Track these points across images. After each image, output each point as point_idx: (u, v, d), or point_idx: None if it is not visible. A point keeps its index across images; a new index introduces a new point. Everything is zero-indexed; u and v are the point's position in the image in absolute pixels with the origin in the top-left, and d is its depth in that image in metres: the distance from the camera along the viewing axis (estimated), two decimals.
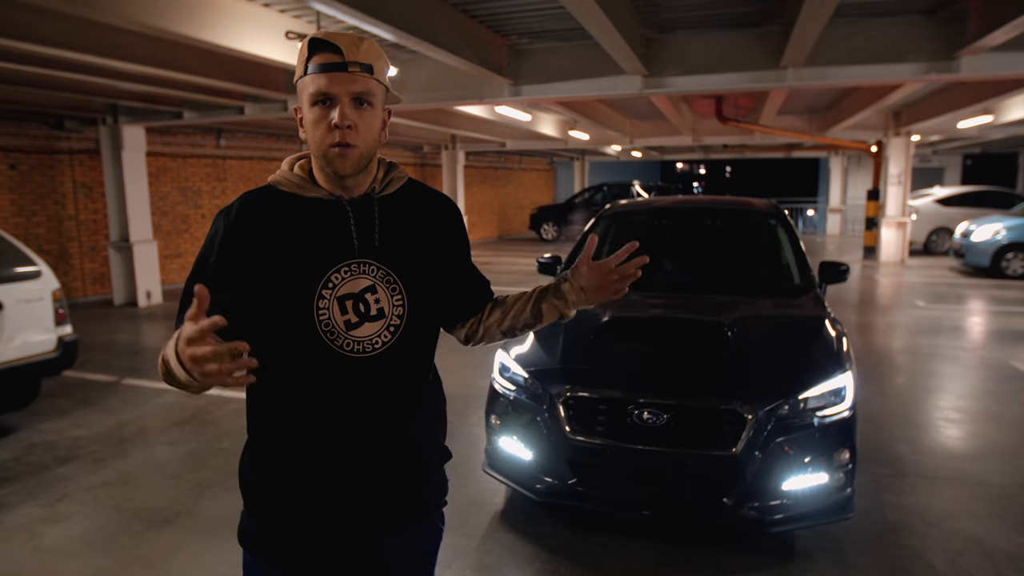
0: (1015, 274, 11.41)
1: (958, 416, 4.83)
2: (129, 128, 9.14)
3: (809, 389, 2.88)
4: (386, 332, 1.31)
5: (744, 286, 3.99)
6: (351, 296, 1.30)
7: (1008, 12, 4.80)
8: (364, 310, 1.30)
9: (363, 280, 1.31)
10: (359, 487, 1.33)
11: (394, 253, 1.34)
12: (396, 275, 1.33)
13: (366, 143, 1.28)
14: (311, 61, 1.24)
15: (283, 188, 1.34)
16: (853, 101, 10.90)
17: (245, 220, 1.31)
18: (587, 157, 24.05)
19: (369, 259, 1.31)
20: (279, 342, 1.30)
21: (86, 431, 4.59)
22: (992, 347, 6.84)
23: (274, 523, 1.36)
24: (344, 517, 1.34)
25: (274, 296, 1.28)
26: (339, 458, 1.32)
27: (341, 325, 1.29)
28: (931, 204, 15.49)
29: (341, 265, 1.30)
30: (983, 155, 22.43)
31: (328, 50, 1.23)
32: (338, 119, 1.23)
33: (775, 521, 2.80)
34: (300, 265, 1.29)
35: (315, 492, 1.33)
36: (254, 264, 1.28)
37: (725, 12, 5.83)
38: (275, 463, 1.35)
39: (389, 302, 1.32)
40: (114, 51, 5.64)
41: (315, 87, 1.23)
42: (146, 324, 8.46)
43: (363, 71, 1.24)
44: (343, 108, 1.23)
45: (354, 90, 1.23)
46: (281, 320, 1.29)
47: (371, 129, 1.28)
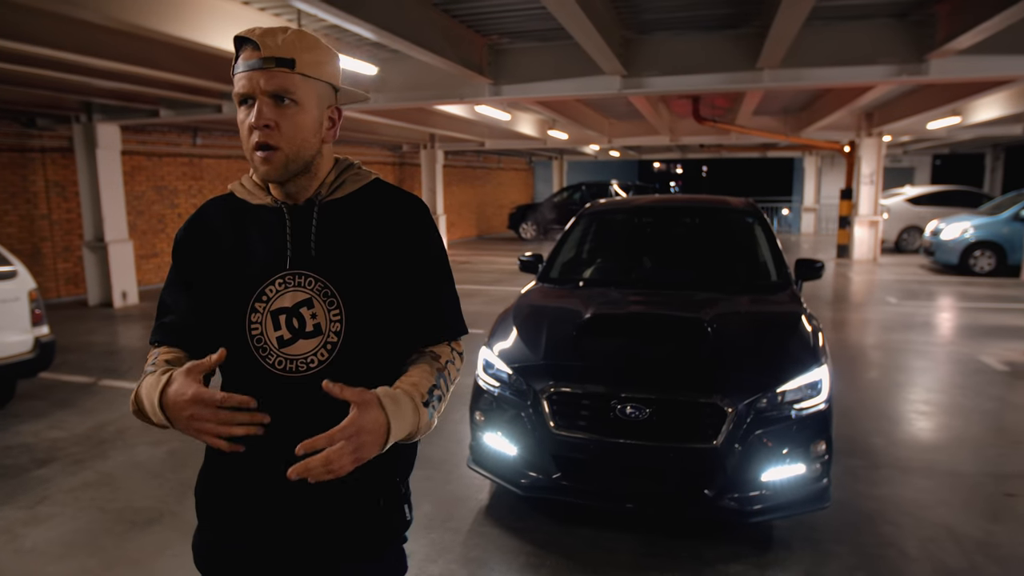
0: (982, 271, 11.71)
1: (929, 409, 4.97)
2: (104, 126, 9.00)
3: (787, 383, 2.96)
4: (322, 350, 1.20)
5: (722, 283, 4.07)
6: (284, 310, 1.20)
7: (974, 17, 4.95)
8: (299, 326, 1.20)
9: (299, 293, 1.21)
10: (292, 517, 1.23)
11: (332, 263, 1.22)
12: (334, 287, 1.21)
13: (292, 144, 1.17)
14: (237, 60, 1.18)
15: (238, 195, 1.29)
16: (827, 102, 11.11)
17: (195, 229, 1.30)
18: (565, 157, 24.16)
19: (305, 270, 1.22)
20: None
21: (64, 432, 4.53)
22: (961, 342, 7.03)
23: (219, 543, 1.29)
24: (281, 547, 1.25)
25: (211, 308, 1.24)
26: (272, 485, 1.19)
27: (273, 342, 1.20)
28: (902, 203, 15.83)
29: (276, 277, 1.22)
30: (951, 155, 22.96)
31: (249, 46, 1.15)
32: (253, 119, 1.15)
33: (754, 511, 2.87)
34: (236, 276, 1.23)
35: (254, 515, 1.25)
36: (198, 273, 1.26)
37: (703, 14, 5.93)
38: (219, 481, 1.28)
39: (326, 317, 1.20)
40: (89, 48, 5.56)
41: (237, 86, 1.17)
42: (122, 325, 8.34)
43: (280, 66, 1.14)
44: (260, 107, 1.15)
45: (269, 88, 1.14)
46: (217, 333, 1.23)
47: (298, 128, 1.17)
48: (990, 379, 5.65)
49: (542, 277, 4.36)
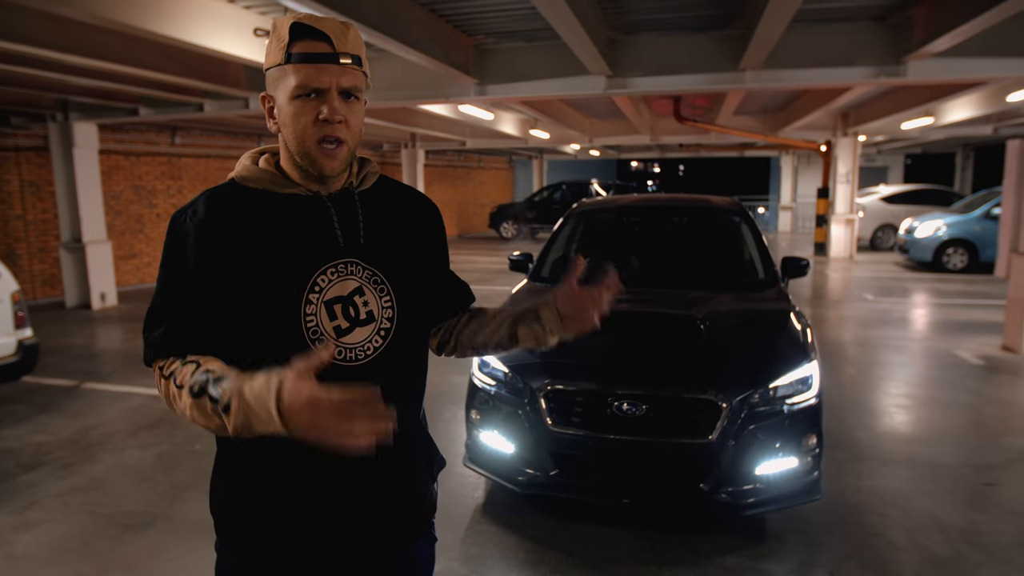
0: (955, 268, 12.00)
1: (908, 403, 5.10)
2: (81, 125, 8.85)
3: (778, 378, 3.02)
4: (377, 337, 1.22)
5: (712, 281, 4.13)
6: (340, 299, 1.19)
7: (950, 21, 5.08)
8: (354, 314, 1.20)
9: (351, 282, 1.20)
10: (357, 507, 1.22)
11: (380, 252, 1.24)
12: (383, 275, 1.23)
13: (354, 138, 1.20)
14: (294, 48, 1.12)
15: (251, 184, 1.22)
16: (804, 102, 11.29)
17: (216, 219, 1.18)
18: (546, 156, 24.23)
19: (355, 259, 1.22)
20: (263, 352, 1.16)
21: (49, 437, 4.46)
22: (937, 337, 7.21)
23: (258, 555, 1.23)
24: (339, 540, 1.23)
25: (256, 303, 1.16)
26: (333, 478, 1.19)
27: (331, 332, 1.18)
28: (877, 202, 16.15)
29: (327, 266, 1.19)
30: (923, 155, 23.45)
31: (315, 38, 1.12)
32: (328, 114, 1.13)
33: (748, 504, 2.93)
34: (283, 268, 1.17)
35: (306, 518, 1.21)
36: (233, 266, 1.16)
37: (687, 15, 6.00)
38: (257, 489, 1.21)
39: (378, 304, 1.22)
40: (67, 45, 5.46)
41: (300, 78, 1.12)
42: (101, 327, 8.21)
43: (354, 63, 1.15)
44: (333, 102, 1.13)
45: (344, 83, 1.14)
46: (265, 329, 1.17)
47: (359, 123, 1.21)
48: (966, 373, 5.80)
49: (533, 276, 4.39)
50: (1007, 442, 4.24)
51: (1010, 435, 4.38)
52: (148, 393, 5.37)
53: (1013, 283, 6.50)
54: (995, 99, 9.68)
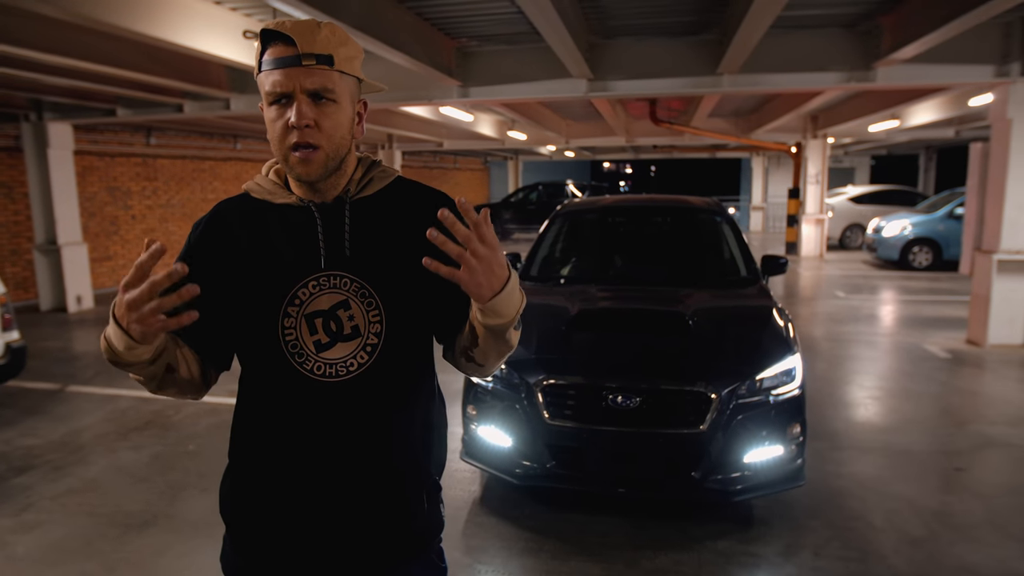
0: (921, 266, 12.40)
1: (881, 394, 5.32)
2: (55, 125, 8.72)
3: (764, 370, 3.17)
4: (362, 353, 1.17)
5: (695, 279, 4.28)
6: (320, 313, 1.16)
7: (917, 30, 5.32)
8: (336, 329, 1.16)
9: (335, 295, 1.17)
10: (339, 523, 1.21)
11: (368, 263, 1.19)
12: (371, 287, 1.18)
13: (331, 143, 1.14)
14: (265, 55, 1.11)
15: (255, 195, 1.23)
16: (776, 105, 11.60)
17: (213, 231, 1.22)
18: (521, 157, 24.37)
19: (339, 271, 1.17)
20: (250, 362, 1.20)
21: (39, 440, 4.44)
22: (905, 332, 7.49)
23: (256, 553, 1.24)
24: (326, 554, 1.22)
25: (239, 313, 1.18)
26: (316, 491, 1.20)
27: (310, 346, 1.16)
28: (845, 202, 16.60)
29: (309, 279, 1.17)
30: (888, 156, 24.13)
31: (281, 41, 1.09)
32: (295, 118, 1.10)
33: (737, 491, 3.07)
34: (265, 279, 1.17)
35: (293, 526, 1.21)
36: (221, 278, 1.18)
37: (667, 21, 6.16)
38: (253, 492, 1.24)
39: (365, 319, 1.17)
40: (42, 44, 5.40)
41: (269, 84, 1.11)
42: (79, 330, 8.10)
43: (320, 63, 1.09)
44: (300, 106, 1.10)
45: (309, 86, 1.10)
46: (247, 341, 1.19)
47: (337, 127, 1.14)
48: (934, 365, 6.06)
49: (523, 275, 4.49)
50: (974, 429, 4.47)
51: (976, 423, 4.60)
52: (134, 395, 5.35)
53: (976, 280, 6.80)
54: (957, 103, 10.06)
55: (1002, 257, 6.46)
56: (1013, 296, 6.52)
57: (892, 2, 5.59)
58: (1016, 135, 6.25)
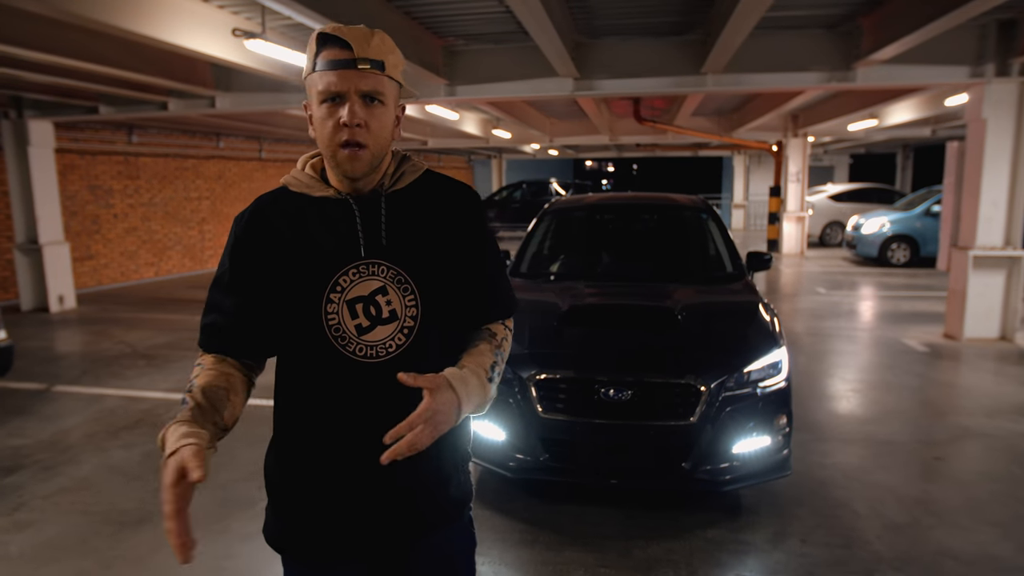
0: (899, 263, 12.65)
1: (862, 387, 5.45)
2: (36, 123, 8.61)
3: (751, 363, 3.25)
4: (399, 335, 1.27)
5: (683, 275, 4.36)
6: (361, 299, 1.25)
7: (896, 31, 5.45)
8: (375, 313, 1.26)
9: (373, 282, 1.26)
10: (379, 493, 1.29)
11: (404, 251, 1.28)
12: (407, 274, 1.27)
13: (377, 142, 1.23)
14: (319, 57, 1.20)
15: (293, 188, 1.32)
16: (758, 105, 11.76)
17: (255, 224, 1.30)
18: (505, 155, 24.42)
19: (378, 259, 1.27)
20: (292, 347, 1.29)
21: (27, 440, 4.41)
22: (885, 327, 7.66)
23: (298, 523, 1.32)
24: (366, 522, 1.30)
25: (283, 301, 1.26)
26: (358, 464, 1.27)
27: (352, 330, 1.25)
28: (825, 200, 16.85)
29: (349, 267, 1.26)
30: (866, 155, 24.49)
31: (337, 45, 1.18)
32: (347, 117, 1.18)
33: (726, 481, 3.15)
34: (307, 268, 1.26)
35: (336, 496, 1.29)
36: (263, 268, 1.27)
37: (652, 21, 6.24)
38: (297, 465, 1.32)
39: (401, 303, 1.27)
40: (22, 39, 5.35)
41: (323, 84, 1.19)
42: (62, 330, 8.02)
43: (373, 68, 1.19)
44: (352, 106, 1.19)
45: (363, 88, 1.19)
46: (292, 325, 1.27)
47: (383, 127, 1.23)
48: (913, 359, 6.21)
49: (513, 272, 4.54)
50: (952, 420, 4.60)
51: (954, 414, 4.74)
52: (123, 395, 5.33)
53: (953, 275, 6.97)
54: (934, 103, 10.27)
55: (978, 253, 6.63)
56: (988, 291, 6.70)
57: (872, 4, 5.71)
58: (991, 134, 6.42)
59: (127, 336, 7.48)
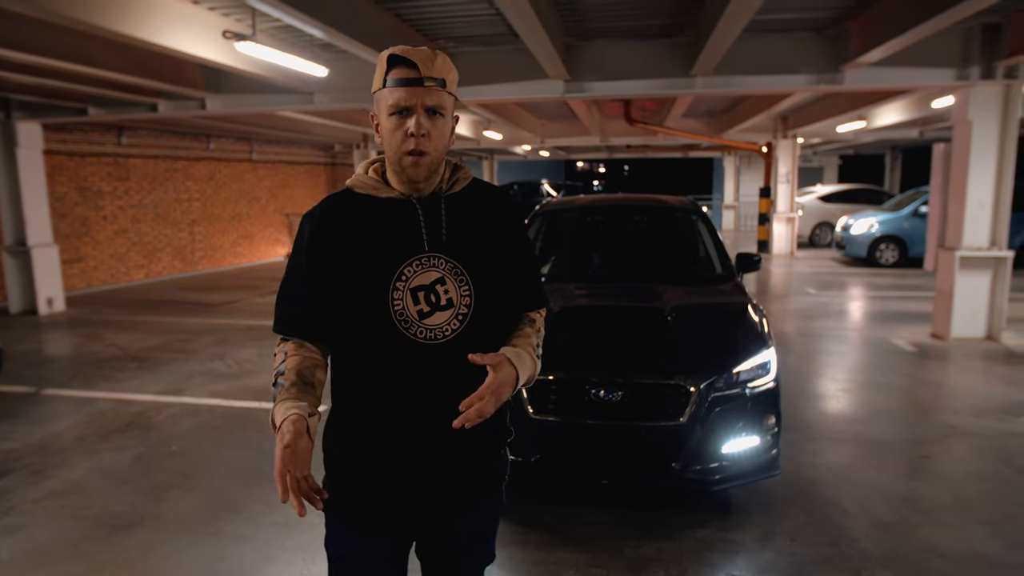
0: (887, 263, 12.75)
1: (851, 387, 5.49)
2: (24, 124, 8.55)
3: (740, 364, 3.27)
4: (455, 320, 1.42)
5: (673, 276, 4.38)
6: (423, 288, 1.41)
7: (883, 34, 5.51)
8: (435, 300, 1.42)
9: (433, 272, 1.42)
10: (432, 464, 1.46)
11: (460, 247, 1.45)
12: (463, 267, 1.44)
13: (437, 150, 1.40)
14: (389, 75, 1.36)
15: (359, 191, 1.48)
16: (748, 106, 11.82)
17: (327, 221, 1.46)
18: (496, 156, 24.41)
19: (438, 253, 1.43)
20: (359, 330, 1.43)
21: (16, 443, 4.38)
22: (873, 327, 7.72)
23: (355, 490, 1.48)
24: (418, 490, 1.47)
25: (353, 289, 1.42)
26: (413, 437, 1.44)
27: (414, 314, 1.40)
28: (815, 201, 16.97)
29: (413, 259, 1.42)
30: (855, 156, 24.67)
31: (406, 65, 1.35)
32: (414, 128, 1.35)
33: (716, 481, 3.17)
34: (376, 260, 1.42)
35: (392, 466, 1.46)
36: (336, 260, 1.42)
37: (642, 23, 6.28)
38: (357, 438, 1.48)
39: (457, 292, 1.43)
40: (9, 41, 5.33)
41: (393, 99, 1.36)
42: (51, 332, 7.97)
43: (437, 85, 1.36)
44: (418, 118, 1.35)
45: (428, 102, 1.35)
46: (360, 310, 1.42)
47: (442, 137, 1.40)
48: (901, 359, 6.27)
49: None
50: (939, 419, 4.65)
51: (941, 413, 4.79)
52: (113, 397, 5.30)
53: (940, 276, 7.03)
54: (921, 105, 10.37)
55: (964, 254, 6.70)
56: (975, 291, 6.77)
57: (860, 7, 5.77)
58: (977, 136, 6.49)
59: (117, 338, 7.45)
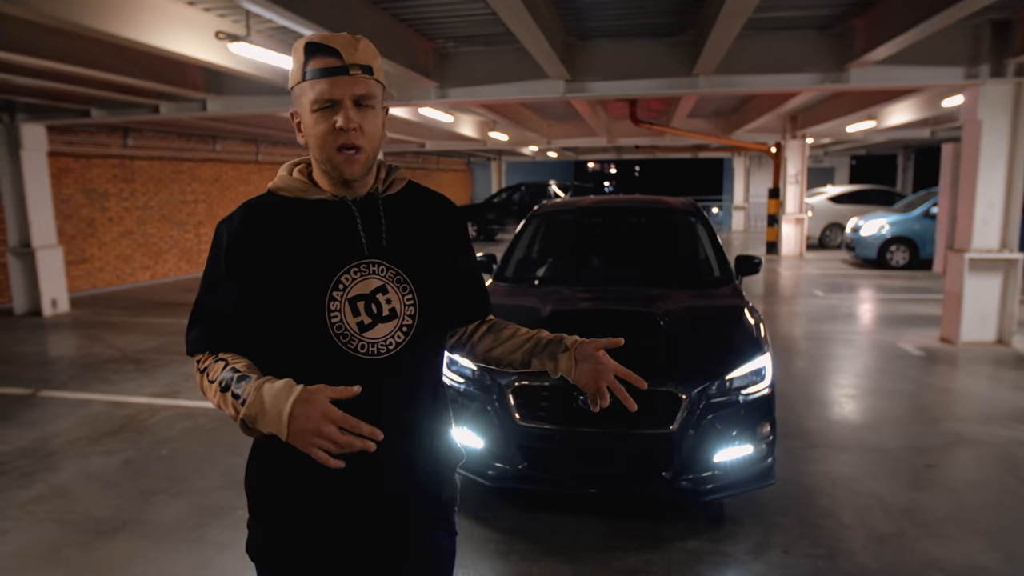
0: (898, 265, 12.56)
1: (856, 392, 5.38)
2: (28, 126, 8.59)
3: (734, 370, 3.19)
4: (399, 333, 1.30)
5: (669, 279, 4.29)
6: (363, 297, 1.28)
7: (889, 31, 5.39)
8: (376, 311, 1.28)
9: (374, 280, 1.29)
10: (379, 493, 1.30)
11: (402, 252, 1.33)
12: (406, 274, 1.31)
13: (371, 144, 1.26)
14: (309, 66, 1.22)
15: (284, 193, 1.32)
16: (755, 106, 11.68)
17: (249, 227, 1.30)
18: (504, 157, 24.38)
19: (378, 259, 1.30)
20: (292, 346, 1.28)
21: (7, 446, 4.37)
22: (881, 330, 7.58)
23: (287, 532, 1.31)
24: (363, 525, 1.30)
25: (285, 300, 1.27)
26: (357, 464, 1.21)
27: (354, 327, 1.27)
28: (825, 202, 16.76)
29: (351, 266, 1.28)
30: (867, 156, 24.42)
31: (326, 54, 1.21)
32: (343, 122, 1.21)
33: (708, 490, 3.09)
34: (309, 268, 1.27)
35: (332, 499, 1.28)
36: (263, 270, 1.27)
37: (643, 22, 6.19)
38: (288, 469, 1.27)
39: (400, 302, 1.30)
40: (13, 44, 5.34)
41: (316, 92, 1.21)
42: (54, 334, 7.99)
43: (364, 73, 1.22)
44: (347, 111, 1.21)
45: (356, 93, 1.22)
46: (293, 324, 1.27)
47: (375, 129, 1.27)
48: (908, 363, 6.14)
49: (497, 276, 4.49)
50: (945, 427, 4.53)
51: (948, 420, 4.67)
52: (108, 400, 5.29)
53: (949, 278, 6.89)
54: (932, 104, 10.19)
55: (974, 256, 6.55)
56: (984, 294, 6.62)
57: (865, 4, 5.65)
58: (986, 136, 6.35)
59: (118, 340, 7.45)
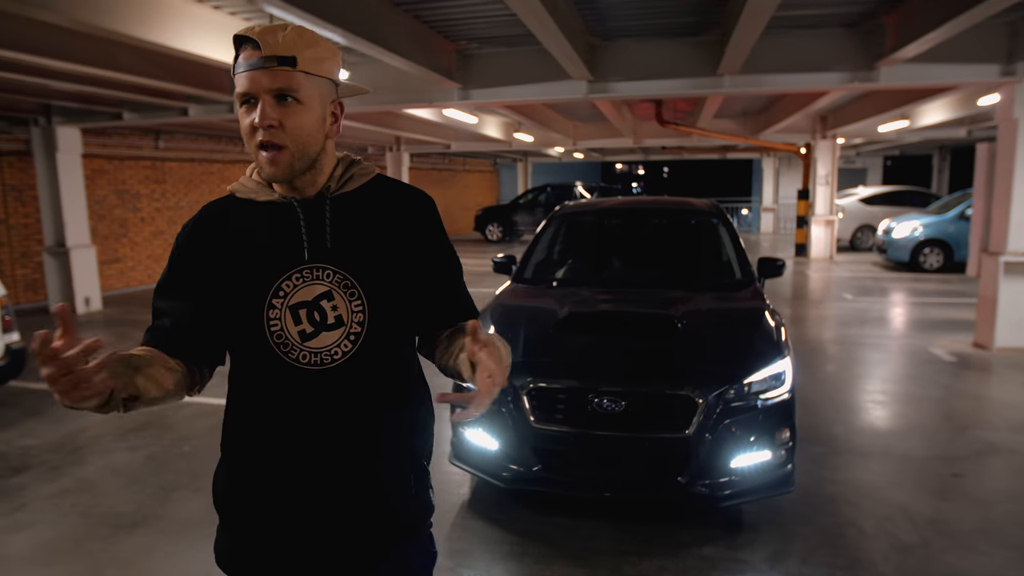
0: (931, 268, 12.24)
1: (884, 398, 5.25)
2: (64, 129, 8.83)
3: (753, 374, 3.13)
4: (346, 341, 1.22)
5: (689, 281, 4.24)
6: (304, 304, 1.21)
7: (919, 28, 5.25)
8: (320, 319, 1.21)
9: (317, 286, 1.22)
10: (330, 508, 1.25)
11: (350, 255, 1.24)
12: (354, 279, 1.23)
13: (297, 142, 1.17)
14: (238, 59, 1.17)
15: (240, 195, 1.28)
16: (784, 106, 11.50)
17: (199, 231, 1.27)
18: (530, 159, 24.35)
19: (322, 263, 1.22)
20: (239, 355, 1.25)
21: (37, 440, 4.49)
22: (912, 335, 7.39)
23: (249, 541, 1.29)
24: (319, 538, 1.26)
25: (226, 307, 1.23)
26: (307, 477, 1.24)
27: (295, 336, 1.20)
28: (856, 203, 16.42)
29: (292, 271, 1.22)
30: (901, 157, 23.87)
31: (249, 45, 1.14)
32: (257, 119, 1.14)
33: (725, 496, 3.04)
34: (249, 273, 1.22)
35: (287, 511, 1.25)
36: (207, 274, 1.24)
37: (665, 22, 6.13)
38: (246, 479, 1.27)
39: (348, 309, 1.22)
40: (48, 49, 5.47)
41: (239, 87, 1.16)
42: (87, 332, 8.17)
43: (281, 65, 1.13)
44: (263, 107, 1.13)
45: (271, 87, 1.13)
46: (234, 332, 1.23)
47: (302, 127, 1.17)
48: (939, 369, 5.97)
49: (516, 277, 4.48)
50: (975, 435, 4.40)
51: (978, 428, 4.53)
52: None
53: (983, 282, 6.69)
54: (967, 103, 9.92)
55: (1009, 259, 6.35)
56: (1020, 298, 6.42)
57: (894, 1, 5.52)
58: (1023, 135, 6.15)
59: None
